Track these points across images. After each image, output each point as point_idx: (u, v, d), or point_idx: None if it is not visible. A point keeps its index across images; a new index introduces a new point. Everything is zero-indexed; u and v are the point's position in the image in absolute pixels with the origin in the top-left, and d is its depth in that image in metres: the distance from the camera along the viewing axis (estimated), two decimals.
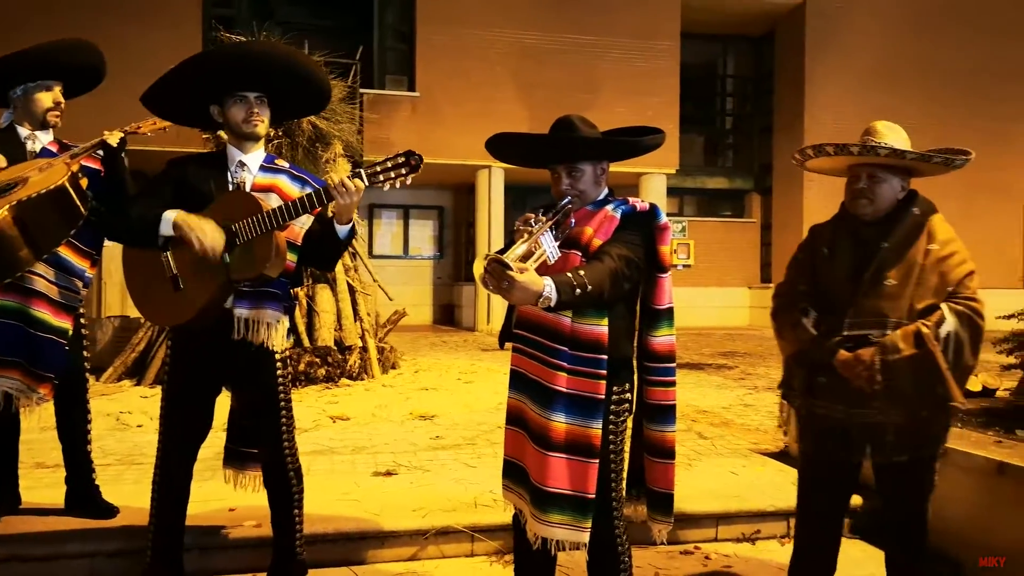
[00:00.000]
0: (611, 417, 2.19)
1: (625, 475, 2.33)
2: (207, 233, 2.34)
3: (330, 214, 2.50)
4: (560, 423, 2.11)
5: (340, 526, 3.07)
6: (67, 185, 2.50)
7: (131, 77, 3.93)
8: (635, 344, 2.31)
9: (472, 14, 13.58)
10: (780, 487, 3.63)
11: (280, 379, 2.60)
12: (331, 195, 2.35)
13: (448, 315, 15.89)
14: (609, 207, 2.24)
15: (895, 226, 2.36)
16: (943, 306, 2.25)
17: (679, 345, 2.32)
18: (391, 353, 7.53)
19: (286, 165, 2.68)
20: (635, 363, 2.30)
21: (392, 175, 2.35)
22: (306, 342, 6.63)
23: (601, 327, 2.13)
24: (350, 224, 2.47)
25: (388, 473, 3.86)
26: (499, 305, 11.11)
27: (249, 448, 2.78)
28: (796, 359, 2.48)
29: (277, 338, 2.53)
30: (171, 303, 2.45)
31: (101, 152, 2.81)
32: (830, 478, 2.46)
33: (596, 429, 2.12)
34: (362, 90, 12.47)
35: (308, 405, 5.64)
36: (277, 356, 2.58)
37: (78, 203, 2.56)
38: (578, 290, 1.96)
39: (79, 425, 3.11)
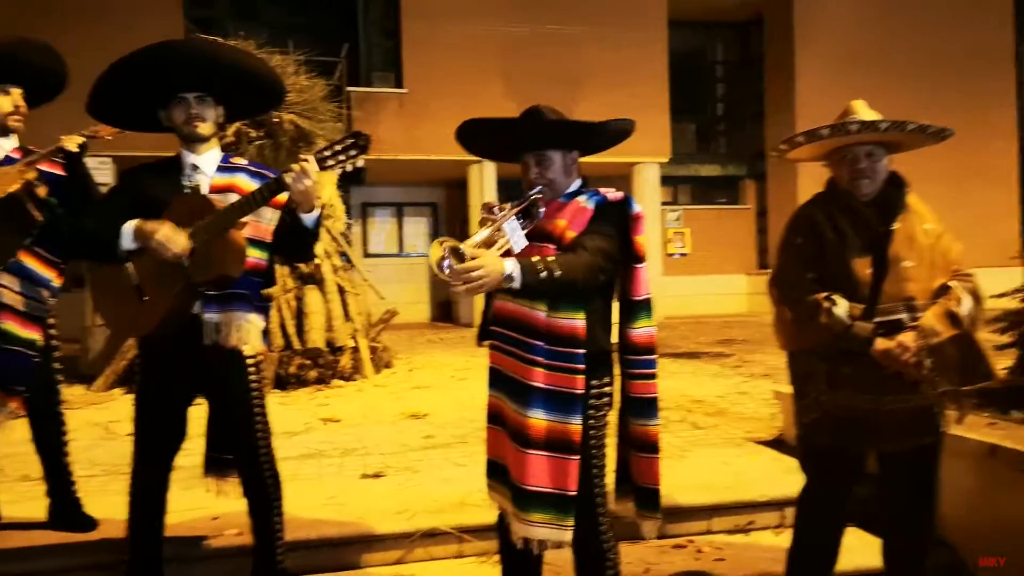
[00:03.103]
0: (591, 411, 2.14)
1: (612, 471, 2.28)
2: (170, 238, 2.27)
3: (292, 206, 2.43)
4: (538, 420, 2.06)
5: (324, 531, 3.02)
6: (19, 193, 2.44)
7: None
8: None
9: (457, 8, 13.47)
10: (774, 476, 3.57)
11: (254, 384, 2.54)
12: (284, 184, 2.29)
13: (446, 312, 15.82)
14: (581, 198, 2.18)
15: (894, 206, 2.31)
16: (954, 284, 2.24)
17: (676, 335, 2.27)
18: (384, 352, 7.47)
19: (244, 162, 2.62)
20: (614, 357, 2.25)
21: (342, 157, 2.30)
22: (296, 344, 6.57)
23: (577, 320, 2.07)
24: (314, 212, 2.40)
25: (376, 475, 3.80)
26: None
27: (229, 455, 2.72)
28: (818, 351, 2.37)
29: (251, 339, 2.47)
30: (136, 314, 2.39)
31: (63, 158, 2.74)
32: (842, 470, 2.41)
33: (576, 425, 2.07)
34: (349, 88, 12.40)
35: (299, 408, 5.59)
36: (249, 361, 2.52)
37: (32, 211, 2.49)
38: (543, 273, 1.91)
39: (54, 437, 3.05)
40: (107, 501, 3.22)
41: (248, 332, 2.46)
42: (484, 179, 13.57)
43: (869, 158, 2.32)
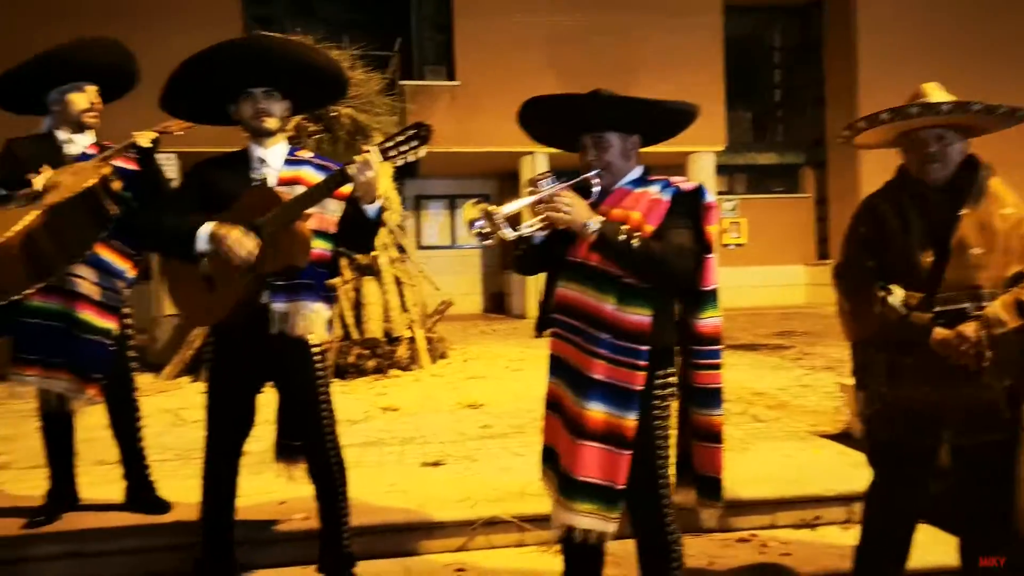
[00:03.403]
0: (655, 403, 2.12)
1: (673, 462, 2.25)
2: (242, 244, 2.32)
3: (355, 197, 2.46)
4: (596, 412, 2.05)
5: (388, 517, 3.06)
6: (96, 188, 2.53)
7: None
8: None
9: (508, 0, 13.45)
10: (840, 470, 3.48)
11: (319, 372, 2.59)
12: (347, 176, 2.32)
13: (498, 303, 15.88)
14: (653, 188, 2.15)
15: (967, 191, 2.22)
16: None
17: (734, 326, 2.24)
18: (440, 343, 7.54)
19: (309, 155, 2.67)
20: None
21: (404, 148, 2.32)
22: (355, 334, 6.67)
23: (644, 316, 2.05)
24: (377, 202, 2.44)
25: (436, 463, 3.84)
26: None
27: (297, 442, 2.78)
28: (876, 342, 2.31)
29: (317, 328, 2.52)
30: (207, 303, 2.46)
31: (136, 153, 2.83)
32: (909, 466, 2.32)
33: (631, 420, 2.05)
34: (402, 82, 12.50)
35: (358, 397, 5.68)
36: (315, 350, 2.57)
37: (107, 205, 2.58)
38: (624, 236, 1.94)
39: (129, 424, 3.17)
40: (179, 485, 3.33)
41: (314, 321, 2.51)
42: (536, 169, 13.51)
43: (939, 142, 2.23)
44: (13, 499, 3.34)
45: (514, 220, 2.02)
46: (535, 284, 13.52)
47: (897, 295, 2.20)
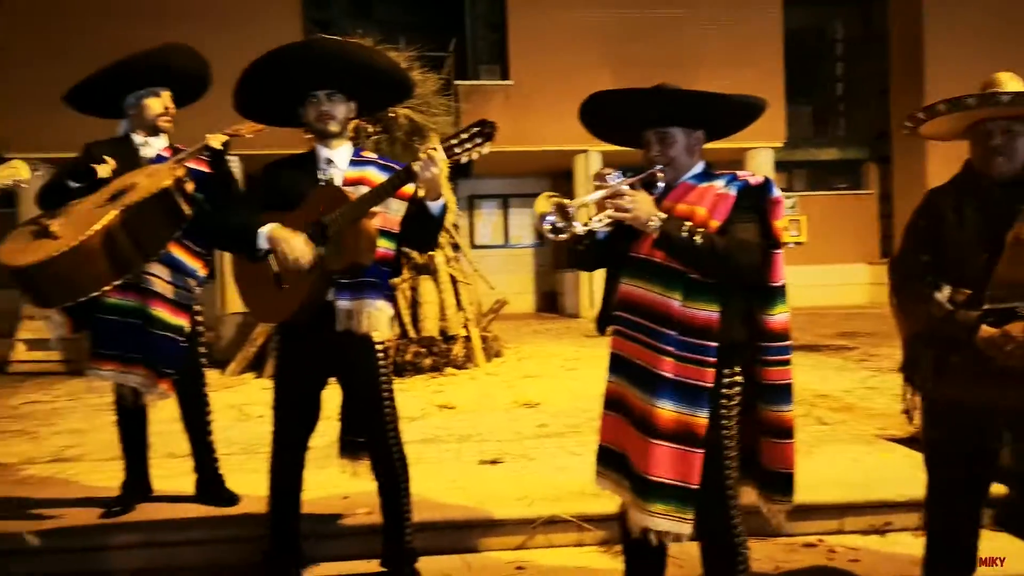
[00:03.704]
0: (723, 402, 2.08)
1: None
2: (294, 248, 2.38)
3: (420, 194, 2.49)
4: (666, 410, 2.02)
5: (448, 514, 3.08)
6: (170, 189, 2.61)
7: None
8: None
9: None
10: (911, 475, 3.34)
11: (382, 369, 2.62)
12: (412, 174, 2.35)
13: (550, 302, 15.85)
14: (719, 182, 2.11)
15: None
16: None
17: (794, 326, 2.19)
18: (494, 341, 7.57)
19: (374, 156, 2.72)
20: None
21: (468, 145, 2.34)
22: (411, 332, 6.75)
23: (712, 312, 2.02)
24: (440, 200, 2.46)
25: (494, 461, 3.85)
26: (602, 291, 10.92)
27: (360, 438, 2.82)
28: (924, 338, 2.25)
29: (381, 326, 2.55)
30: (275, 301, 2.52)
31: (208, 155, 2.92)
32: (964, 467, 2.23)
33: (702, 418, 2.02)
34: (456, 82, 12.58)
35: (415, 394, 5.74)
36: (379, 347, 2.60)
37: (182, 205, 2.67)
38: (687, 232, 1.93)
39: (199, 418, 3.27)
40: (244, 479, 3.42)
41: (378, 319, 2.54)
42: (590, 168, 13.46)
43: (1006, 135, 2.14)
44: (88, 490, 3.48)
45: (578, 215, 2.02)
46: (588, 283, 13.44)
47: (944, 291, 2.13)
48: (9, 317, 8.71)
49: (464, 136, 2.34)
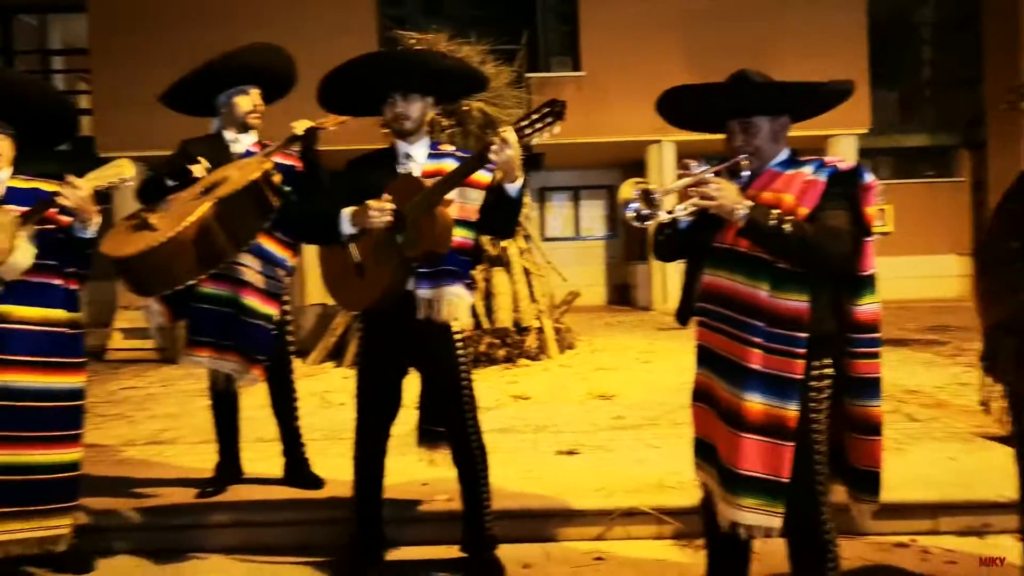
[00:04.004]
0: (812, 395, 2.02)
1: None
2: (372, 205, 2.43)
3: (496, 180, 2.50)
4: (755, 403, 1.98)
5: (526, 503, 3.10)
6: (259, 181, 2.71)
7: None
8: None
9: None
10: (1011, 475, 3.18)
11: (462, 358, 2.66)
12: (485, 157, 2.37)
13: (622, 295, 15.70)
14: (807, 169, 2.05)
15: None
16: None
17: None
18: (567, 333, 7.55)
19: (451, 149, 2.77)
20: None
21: (539, 125, 2.35)
22: (485, 323, 6.80)
23: (802, 303, 1.97)
24: (518, 182, 2.46)
25: (571, 452, 3.85)
26: (676, 284, 10.72)
27: (439, 427, 2.87)
28: (1007, 326, 2.12)
29: (460, 313, 2.59)
30: (358, 289, 2.58)
31: (296, 148, 3.02)
32: None
33: (792, 410, 1.97)
34: (528, 74, 12.57)
35: (490, 385, 5.78)
36: (458, 336, 2.64)
37: (270, 197, 2.77)
38: (775, 220, 1.88)
39: (287, 404, 3.38)
40: (329, 463, 3.52)
41: (457, 307, 2.58)
42: (663, 158, 13.26)
43: None
44: (183, 471, 3.66)
45: (663, 202, 2.00)
46: (661, 276, 13.24)
47: None
48: (107, 307, 9.23)
49: (535, 116, 2.36)
